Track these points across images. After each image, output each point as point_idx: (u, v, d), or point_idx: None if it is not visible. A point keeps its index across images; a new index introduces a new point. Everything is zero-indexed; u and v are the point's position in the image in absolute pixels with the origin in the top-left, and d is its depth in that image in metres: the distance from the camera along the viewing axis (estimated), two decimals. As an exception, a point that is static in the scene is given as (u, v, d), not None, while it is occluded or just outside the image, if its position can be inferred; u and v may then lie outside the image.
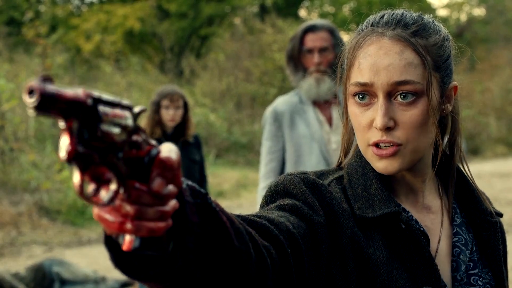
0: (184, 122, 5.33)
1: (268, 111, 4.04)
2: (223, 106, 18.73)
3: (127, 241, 0.93)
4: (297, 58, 3.96)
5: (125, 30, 23.74)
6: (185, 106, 5.34)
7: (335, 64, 4.14)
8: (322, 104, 4.00)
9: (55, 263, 6.82)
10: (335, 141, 3.93)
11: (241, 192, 13.33)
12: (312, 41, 3.94)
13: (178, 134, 5.33)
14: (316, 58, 3.91)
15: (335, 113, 3.99)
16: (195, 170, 5.36)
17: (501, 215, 1.58)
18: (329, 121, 3.98)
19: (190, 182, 1.03)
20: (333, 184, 1.44)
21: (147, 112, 5.48)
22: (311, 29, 3.97)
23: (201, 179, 5.46)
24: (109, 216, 0.91)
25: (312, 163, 3.86)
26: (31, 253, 8.83)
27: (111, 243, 0.97)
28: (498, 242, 1.53)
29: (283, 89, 15.36)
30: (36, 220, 10.33)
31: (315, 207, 1.33)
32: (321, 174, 1.47)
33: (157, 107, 5.29)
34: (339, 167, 1.53)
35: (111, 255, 0.98)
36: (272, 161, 3.97)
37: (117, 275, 6.95)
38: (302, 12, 28.42)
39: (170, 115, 5.24)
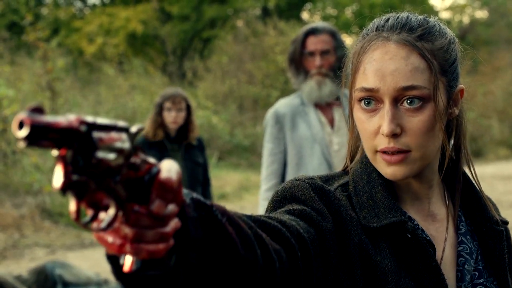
0: (187, 125, 5.34)
1: (270, 113, 4.04)
2: (226, 109, 18.72)
3: (128, 263, 0.92)
4: (298, 60, 3.96)
5: (128, 32, 23.76)
6: (188, 109, 5.34)
7: (336, 67, 4.15)
8: (323, 106, 4.00)
9: (58, 266, 6.81)
10: (337, 142, 3.93)
11: (243, 194, 13.32)
12: (313, 44, 3.95)
13: (181, 137, 5.33)
14: (317, 61, 3.91)
15: (337, 114, 3.99)
16: (199, 173, 5.35)
17: (507, 223, 1.56)
18: (331, 122, 3.98)
19: (195, 195, 1.01)
20: (338, 191, 1.42)
21: (150, 114, 5.49)
22: (313, 32, 3.98)
23: (205, 182, 5.44)
24: (109, 238, 0.91)
25: (313, 165, 3.86)
26: (34, 256, 8.83)
27: (114, 257, 0.96)
28: (504, 251, 1.51)
29: (286, 92, 15.34)
30: (39, 222, 10.34)
31: (323, 213, 1.32)
32: (327, 180, 1.45)
33: (159, 109, 5.30)
34: (344, 171, 1.52)
35: (114, 270, 0.97)
36: (274, 163, 3.97)
37: (119, 278, 6.94)
38: (305, 15, 28.42)
39: (172, 117, 5.24)
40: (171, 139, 5.30)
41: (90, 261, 8.37)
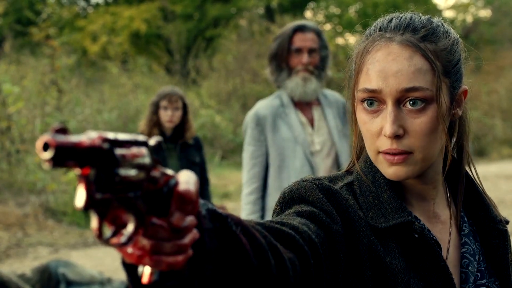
0: (183, 124, 5.31)
1: (249, 115, 4.00)
2: (229, 108, 18.72)
3: (147, 274, 0.92)
4: (283, 57, 3.94)
5: (131, 31, 23.76)
6: (185, 108, 5.32)
7: (320, 66, 4.17)
8: (303, 105, 3.99)
9: (61, 265, 6.82)
10: (318, 142, 3.92)
11: (246, 193, 13.28)
12: (302, 40, 3.94)
13: (177, 136, 5.30)
14: (305, 58, 3.90)
15: (316, 114, 3.99)
16: (196, 173, 5.30)
17: (508, 222, 1.56)
18: (311, 122, 3.97)
19: (210, 206, 1.01)
20: (343, 190, 1.42)
21: (145, 113, 5.48)
22: (301, 29, 3.97)
23: (202, 182, 5.38)
24: (128, 248, 0.91)
25: (296, 167, 3.84)
26: (37, 254, 8.84)
27: (130, 266, 0.96)
28: (507, 251, 1.51)
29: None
30: (42, 221, 10.34)
31: (332, 215, 1.32)
32: (331, 180, 1.45)
33: (155, 108, 5.27)
34: (347, 172, 1.51)
35: (130, 278, 0.97)
36: (256, 166, 3.93)
37: (123, 277, 6.95)
38: (308, 14, 28.38)
39: (168, 116, 5.22)
40: (167, 138, 5.27)
41: (94, 260, 8.37)
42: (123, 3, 25.48)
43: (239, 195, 4.35)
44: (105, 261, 8.22)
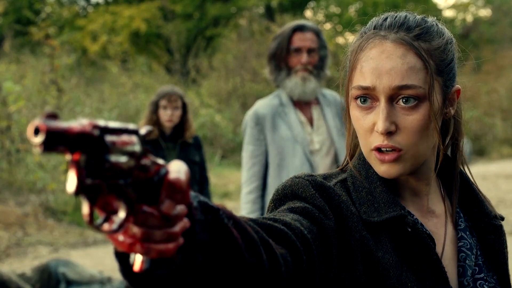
0: (182, 123, 5.32)
1: (249, 114, 4.01)
2: (229, 107, 18.73)
3: (138, 262, 0.94)
4: (282, 56, 3.95)
5: (131, 31, 23.77)
6: (184, 107, 5.33)
7: (319, 66, 4.18)
8: (302, 105, 4.00)
9: (61, 264, 6.82)
10: (318, 141, 3.94)
11: (246, 193, 13.27)
12: (301, 40, 3.95)
13: (176, 135, 5.31)
14: (304, 58, 3.92)
15: (316, 113, 4.00)
16: (195, 171, 5.31)
17: (502, 219, 1.58)
18: (310, 121, 3.98)
19: (202, 198, 1.03)
20: (337, 187, 1.43)
21: (145, 112, 5.49)
22: (300, 28, 3.98)
23: (202, 181, 5.41)
24: (119, 236, 0.92)
25: (295, 165, 3.85)
26: (37, 254, 8.84)
27: (121, 256, 0.97)
28: (503, 246, 1.53)
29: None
30: (42, 220, 10.35)
31: (325, 210, 1.33)
32: (325, 177, 1.46)
33: (155, 107, 5.28)
34: (341, 170, 1.53)
35: (121, 268, 0.98)
36: (255, 165, 3.94)
37: (122, 276, 6.94)
38: (308, 13, 28.40)
39: (167, 115, 5.23)
40: (166, 138, 5.28)
41: (93, 259, 8.38)
42: (123, 3, 25.50)
43: (239, 195, 4.36)
44: (105, 261, 8.22)
